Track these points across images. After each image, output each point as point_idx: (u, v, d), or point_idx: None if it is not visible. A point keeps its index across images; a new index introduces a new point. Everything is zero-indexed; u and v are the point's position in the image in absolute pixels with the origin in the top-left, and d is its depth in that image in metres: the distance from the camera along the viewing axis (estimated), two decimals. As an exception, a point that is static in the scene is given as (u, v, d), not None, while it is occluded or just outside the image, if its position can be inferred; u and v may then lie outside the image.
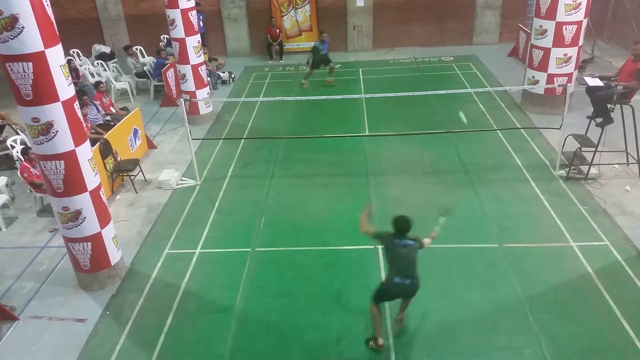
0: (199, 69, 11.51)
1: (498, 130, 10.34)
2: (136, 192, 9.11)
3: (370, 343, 5.67)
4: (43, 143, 5.77)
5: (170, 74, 13.08)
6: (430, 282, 6.54)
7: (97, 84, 11.46)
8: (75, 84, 9.79)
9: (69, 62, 12.06)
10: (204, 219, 8.21)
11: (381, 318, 5.69)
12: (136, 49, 14.99)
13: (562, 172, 8.75)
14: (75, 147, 5.93)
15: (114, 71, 14.55)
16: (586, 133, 9.00)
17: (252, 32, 17.15)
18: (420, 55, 16.16)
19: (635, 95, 8.72)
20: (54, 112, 5.64)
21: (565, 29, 10.35)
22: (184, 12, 10.83)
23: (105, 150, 8.99)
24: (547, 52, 10.70)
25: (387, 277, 5.50)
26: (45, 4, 5.35)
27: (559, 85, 10.28)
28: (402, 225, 5.34)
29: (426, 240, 5.58)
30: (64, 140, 5.81)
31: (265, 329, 6.02)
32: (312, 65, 13.74)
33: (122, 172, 9.25)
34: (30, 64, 5.34)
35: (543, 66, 10.87)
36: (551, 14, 10.34)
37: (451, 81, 13.67)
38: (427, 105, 11.91)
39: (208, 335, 6.00)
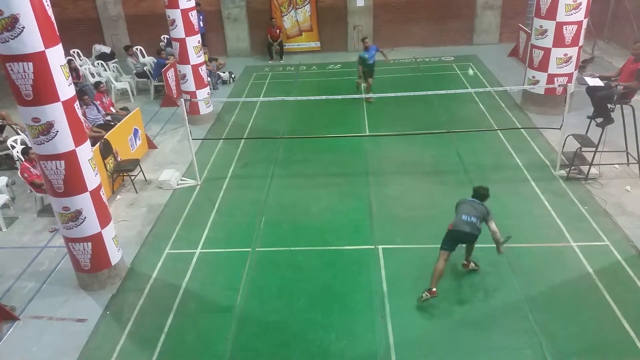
0: (199, 69, 11.51)
1: (498, 130, 10.34)
2: (136, 192, 9.12)
3: (424, 294, 6.05)
4: (43, 143, 5.77)
5: (170, 74, 13.08)
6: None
7: (97, 84, 11.47)
8: (75, 84, 9.79)
9: (69, 62, 12.09)
10: (204, 219, 8.21)
11: (442, 273, 6.14)
12: (136, 49, 14.99)
13: (563, 172, 8.75)
14: (76, 147, 5.93)
15: (114, 71, 14.55)
16: (586, 133, 9.00)
17: (253, 32, 17.16)
18: (420, 55, 16.16)
19: (635, 95, 8.72)
20: (55, 112, 5.64)
21: (566, 29, 10.35)
22: (184, 12, 10.83)
23: (106, 150, 8.99)
24: (547, 52, 10.70)
25: (454, 220, 6.26)
26: (45, 4, 5.35)
27: (559, 85, 10.28)
28: (479, 191, 6.43)
29: (493, 225, 6.23)
30: (64, 140, 5.81)
31: (265, 329, 6.02)
32: (365, 76, 12.55)
33: (122, 172, 9.25)
34: (30, 64, 5.34)
35: (543, 66, 10.87)
36: (551, 14, 10.34)
37: (451, 81, 13.67)
38: (427, 105, 11.91)
39: (208, 335, 6.00)
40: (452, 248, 6.27)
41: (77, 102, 6.00)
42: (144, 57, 15.16)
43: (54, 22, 5.53)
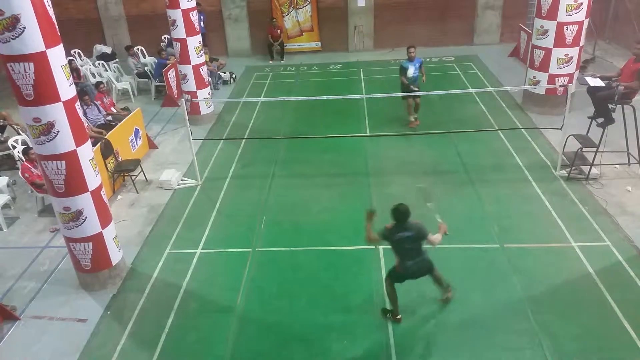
0: (200, 69, 11.52)
1: (499, 131, 10.33)
2: (137, 192, 9.12)
3: (387, 315, 5.96)
4: (44, 143, 5.77)
5: (171, 74, 13.09)
6: (431, 282, 6.55)
7: (98, 84, 11.48)
8: (76, 84, 9.79)
9: (70, 62, 12.08)
10: (205, 219, 8.21)
11: (396, 296, 5.90)
12: (137, 49, 14.99)
13: (563, 173, 8.75)
14: (77, 147, 5.93)
15: (115, 71, 14.56)
16: (587, 133, 8.99)
17: (253, 32, 17.16)
18: (421, 55, 16.03)
19: (636, 95, 8.71)
20: (55, 112, 5.65)
21: (567, 29, 10.35)
22: (185, 13, 10.84)
23: (107, 151, 9.00)
24: (548, 52, 10.69)
25: (398, 263, 5.70)
26: (46, 4, 5.36)
27: (560, 86, 10.28)
28: (398, 214, 5.51)
29: (435, 237, 5.60)
30: (65, 141, 5.82)
31: (266, 329, 6.02)
32: (403, 90, 10.62)
33: (123, 172, 9.26)
34: (31, 64, 5.34)
35: (544, 66, 10.86)
36: (552, 14, 10.33)
37: (452, 81, 13.66)
38: (428, 105, 11.89)
39: (209, 335, 6.00)
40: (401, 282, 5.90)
41: (78, 102, 6.00)
42: (144, 57, 15.15)
43: (55, 22, 5.53)
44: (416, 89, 10.42)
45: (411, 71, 10.53)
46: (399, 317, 5.93)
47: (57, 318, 6.38)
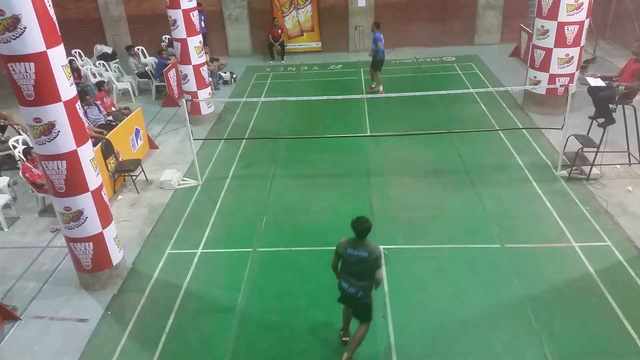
0: (201, 70, 11.52)
1: (500, 131, 10.33)
2: (138, 192, 9.12)
3: (341, 332, 5.76)
4: (45, 143, 5.77)
5: (171, 74, 13.09)
6: (432, 282, 6.57)
7: (101, 84, 11.49)
8: (77, 84, 9.80)
9: (70, 62, 12.08)
10: (206, 219, 8.21)
11: (344, 316, 5.63)
12: (138, 49, 15.00)
13: (564, 173, 8.74)
14: (77, 147, 5.93)
15: (115, 71, 14.56)
16: (588, 133, 8.98)
17: (254, 32, 17.16)
18: (421, 55, 16.15)
19: (637, 95, 8.71)
20: (56, 113, 5.65)
21: (567, 29, 10.34)
22: (186, 13, 10.84)
23: (107, 151, 9.00)
24: (548, 52, 10.68)
25: (338, 282, 5.34)
26: (47, 4, 5.36)
27: (560, 86, 10.28)
28: (358, 229, 5.00)
29: (380, 274, 5.11)
30: (65, 141, 5.82)
31: (266, 329, 6.02)
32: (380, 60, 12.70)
33: (123, 172, 9.26)
34: (32, 64, 5.35)
35: (545, 66, 10.86)
36: (553, 14, 10.33)
37: (453, 81, 13.66)
38: (428, 105, 11.91)
39: (209, 335, 6.00)
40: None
41: (79, 102, 6.01)
42: (145, 57, 15.17)
43: (56, 22, 5.53)
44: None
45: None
46: (345, 339, 5.64)
47: (58, 318, 6.38)
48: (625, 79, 8.55)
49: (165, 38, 15.47)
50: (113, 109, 11.32)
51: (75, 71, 12.66)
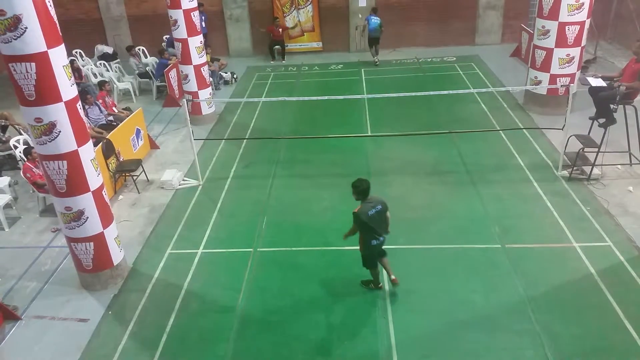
0: (201, 70, 11.52)
1: (500, 131, 10.33)
2: (138, 192, 9.13)
3: (370, 285, 6.39)
4: (46, 143, 5.78)
5: (172, 74, 13.09)
6: (433, 282, 6.57)
7: (102, 83, 11.49)
8: (77, 84, 9.80)
9: (71, 62, 12.11)
10: (206, 219, 8.21)
11: (379, 270, 6.35)
12: (139, 49, 15.01)
13: (565, 173, 8.74)
14: (78, 147, 5.94)
15: (116, 71, 14.57)
16: (589, 133, 8.98)
17: (255, 32, 17.16)
18: (422, 55, 16.15)
19: (638, 95, 8.70)
20: (57, 113, 5.66)
21: (568, 29, 10.33)
22: (187, 13, 10.85)
23: (108, 151, 9.00)
24: (549, 52, 10.68)
25: (364, 244, 6.09)
26: (48, 4, 5.36)
27: (561, 86, 10.27)
28: (362, 189, 6.01)
29: (389, 216, 6.10)
30: (66, 141, 5.82)
31: (267, 329, 6.03)
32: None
33: (124, 172, 9.27)
34: (33, 64, 5.36)
35: (546, 66, 10.85)
36: (554, 14, 10.32)
37: (453, 81, 13.66)
38: (429, 105, 11.90)
39: (210, 335, 6.01)
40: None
41: (80, 102, 6.01)
42: (146, 57, 15.18)
43: (57, 22, 5.54)
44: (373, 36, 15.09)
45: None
46: (380, 285, 6.38)
47: (59, 318, 6.39)
48: (625, 79, 8.54)
49: (165, 38, 15.48)
50: (114, 109, 11.33)
51: (76, 71, 12.66)
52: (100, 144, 8.80)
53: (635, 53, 8.55)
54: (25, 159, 8.62)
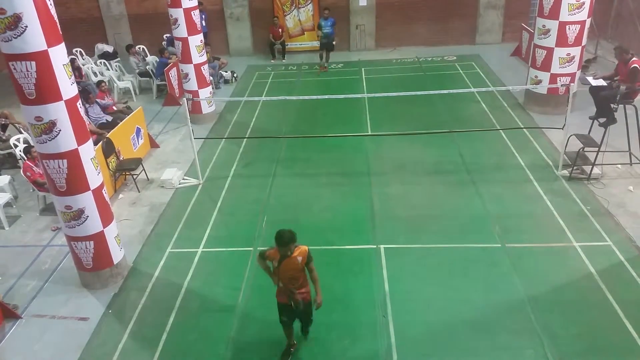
0: (202, 68, 11.52)
1: (501, 130, 10.33)
2: (139, 191, 9.13)
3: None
4: (46, 142, 5.78)
5: (172, 73, 13.09)
6: (433, 281, 6.57)
7: (99, 84, 11.48)
8: (78, 83, 9.79)
9: (71, 61, 12.08)
10: (206, 218, 8.21)
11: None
12: (139, 48, 15.01)
13: (565, 172, 8.73)
14: (78, 146, 5.94)
15: (116, 70, 14.57)
16: (589, 133, 8.98)
17: (255, 31, 17.16)
18: (422, 54, 16.14)
19: (638, 95, 8.70)
20: (57, 111, 5.65)
21: (569, 28, 10.33)
22: (187, 12, 10.84)
23: (108, 149, 9.00)
24: (550, 51, 10.67)
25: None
26: (48, 3, 5.36)
27: (562, 85, 10.27)
28: (282, 241, 5.32)
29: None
30: (66, 139, 5.82)
31: (267, 328, 6.01)
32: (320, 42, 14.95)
33: (124, 171, 9.27)
34: (33, 62, 5.35)
35: (546, 66, 10.84)
36: (554, 13, 10.32)
37: (454, 81, 13.65)
38: (429, 104, 11.89)
39: (210, 334, 6.01)
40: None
41: (80, 101, 6.01)
42: (146, 56, 15.17)
43: (57, 21, 5.53)
44: (325, 41, 14.83)
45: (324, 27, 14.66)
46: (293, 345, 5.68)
47: (59, 317, 6.39)
48: (621, 80, 8.55)
49: (165, 37, 15.47)
50: (114, 107, 11.32)
51: (76, 70, 12.66)
52: (101, 142, 8.80)
53: (616, 58, 8.54)
54: (25, 158, 8.62)
